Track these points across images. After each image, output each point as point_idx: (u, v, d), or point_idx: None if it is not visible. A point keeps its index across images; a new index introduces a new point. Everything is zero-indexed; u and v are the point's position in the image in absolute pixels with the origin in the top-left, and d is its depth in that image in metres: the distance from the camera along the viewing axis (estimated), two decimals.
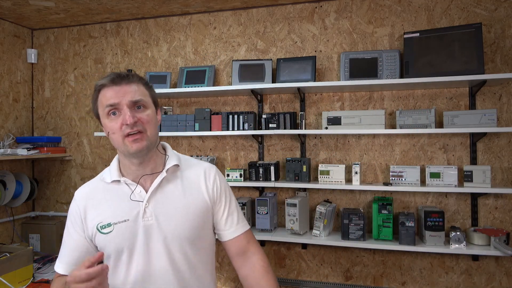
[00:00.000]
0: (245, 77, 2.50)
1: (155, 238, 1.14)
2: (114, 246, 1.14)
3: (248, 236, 1.25)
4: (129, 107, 1.08)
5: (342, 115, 2.31)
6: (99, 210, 1.16)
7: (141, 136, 1.09)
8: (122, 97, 1.08)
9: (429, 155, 2.33)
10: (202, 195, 1.21)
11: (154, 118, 1.14)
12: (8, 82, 2.89)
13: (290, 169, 2.40)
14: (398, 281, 2.37)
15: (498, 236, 2.04)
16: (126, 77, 1.10)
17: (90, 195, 1.20)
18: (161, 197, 1.16)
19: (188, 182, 1.21)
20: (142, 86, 1.14)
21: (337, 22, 2.50)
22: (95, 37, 2.98)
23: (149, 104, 1.14)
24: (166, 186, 1.18)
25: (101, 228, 1.14)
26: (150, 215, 1.14)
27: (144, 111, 1.11)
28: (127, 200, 1.15)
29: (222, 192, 1.25)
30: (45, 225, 2.91)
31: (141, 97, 1.11)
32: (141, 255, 1.14)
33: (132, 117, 1.06)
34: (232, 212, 1.25)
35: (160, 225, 1.14)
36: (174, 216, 1.15)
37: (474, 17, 2.27)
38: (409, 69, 2.22)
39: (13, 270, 2.12)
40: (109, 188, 1.19)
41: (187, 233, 1.16)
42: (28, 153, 2.64)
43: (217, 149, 2.70)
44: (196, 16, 2.76)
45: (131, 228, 1.13)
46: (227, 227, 1.23)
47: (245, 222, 1.28)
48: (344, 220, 2.24)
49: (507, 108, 2.22)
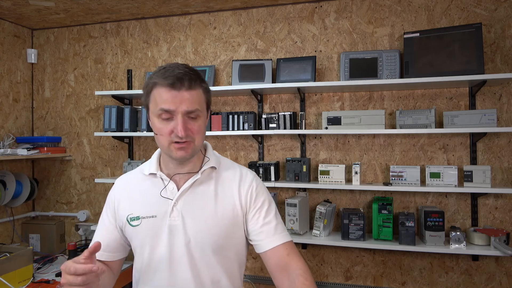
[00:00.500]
0: (245, 77, 2.50)
1: (178, 241, 1.09)
2: (139, 240, 1.13)
3: (288, 248, 1.12)
4: (184, 115, 1.02)
5: (342, 115, 2.31)
6: (131, 202, 1.16)
7: (188, 145, 1.05)
8: (179, 105, 1.01)
9: (429, 155, 2.33)
10: (233, 201, 1.14)
11: (204, 127, 1.08)
12: (8, 82, 2.89)
13: (290, 169, 2.40)
14: (398, 281, 2.37)
15: (498, 236, 2.04)
16: (187, 82, 1.01)
17: (127, 186, 1.20)
18: (191, 198, 1.12)
19: (222, 186, 1.15)
20: (201, 91, 1.05)
21: (337, 22, 2.50)
22: (95, 37, 2.98)
23: (203, 112, 1.07)
24: (198, 187, 1.13)
25: (131, 220, 1.14)
26: (177, 214, 1.10)
27: (196, 121, 1.04)
28: (159, 195, 1.13)
29: (257, 199, 1.15)
30: (45, 225, 2.91)
31: (198, 106, 1.03)
32: (162, 257, 1.10)
33: (184, 130, 1.01)
34: (270, 221, 1.14)
35: (185, 227, 1.09)
36: (200, 220, 1.10)
37: (474, 17, 2.27)
38: (409, 69, 2.22)
39: (13, 270, 2.12)
40: (145, 181, 1.17)
41: (211, 240, 1.09)
42: (28, 153, 2.64)
43: (217, 149, 2.70)
44: (196, 16, 2.76)
45: (157, 225, 1.11)
46: (262, 237, 1.12)
47: (286, 233, 1.15)
48: (344, 220, 2.24)
49: (507, 108, 2.22)
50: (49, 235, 2.89)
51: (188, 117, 1.03)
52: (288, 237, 1.14)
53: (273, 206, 1.18)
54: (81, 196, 3.00)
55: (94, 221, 2.95)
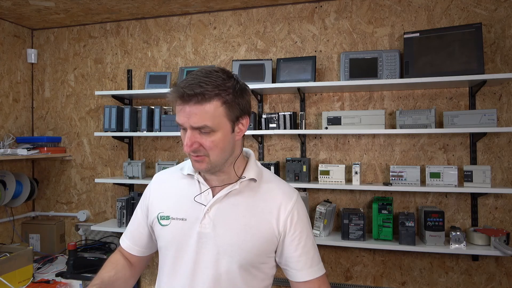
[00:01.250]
0: (245, 77, 2.50)
1: (206, 250, 1.04)
2: (164, 241, 1.10)
3: (320, 281, 1.08)
4: (193, 131, 0.97)
5: (342, 115, 2.31)
6: (165, 199, 1.13)
7: (202, 159, 1.00)
8: (187, 120, 0.96)
9: (429, 155, 2.33)
10: (270, 223, 1.06)
11: (222, 142, 0.99)
12: (8, 82, 2.89)
13: (290, 169, 2.40)
14: (398, 281, 2.37)
15: (498, 236, 2.04)
16: (196, 96, 0.93)
17: (164, 183, 1.18)
18: (225, 207, 1.06)
19: (260, 200, 1.08)
20: (218, 104, 0.95)
21: (337, 22, 2.50)
22: (95, 37, 2.98)
23: (219, 126, 0.97)
24: (235, 197, 1.07)
25: (161, 218, 1.11)
26: (209, 222, 1.05)
27: (210, 136, 0.97)
28: (192, 199, 1.08)
29: (297, 226, 1.08)
30: (45, 225, 2.91)
31: (207, 122, 0.95)
32: (187, 264, 1.06)
33: (190, 146, 0.98)
34: (308, 252, 1.08)
35: (216, 236, 1.04)
36: (232, 232, 1.04)
37: (474, 17, 2.27)
38: (409, 69, 2.22)
39: (13, 270, 2.12)
40: (182, 180, 1.14)
41: (241, 255, 1.03)
42: (28, 153, 2.64)
43: None
44: (196, 16, 2.76)
45: (187, 229, 1.06)
46: (299, 267, 1.07)
47: (321, 265, 1.10)
48: (344, 220, 2.24)
49: (507, 108, 2.22)
50: (49, 235, 2.89)
51: (200, 132, 0.97)
52: (323, 269, 1.10)
53: (311, 234, 1.12)
54: (81, 196, 3.00)
55: (94, 221, 2.95)
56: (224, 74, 0.99)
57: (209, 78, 0.96)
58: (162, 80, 2.68)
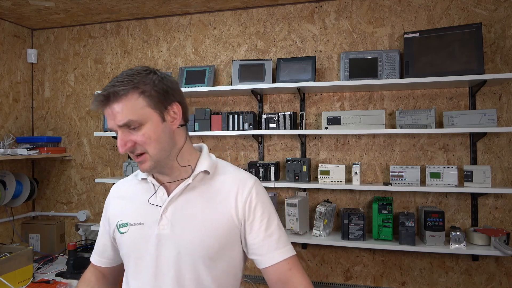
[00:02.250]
0: (245, 77, 2.50)
1: (166, 252, 1.02)
2: (126, 248, 1.08)
3: (291, 263, 1.04)
4: (122, 131, 0.96)
5: (342, 115, 2.31)
6: (123, 207, 1.12)
7: (144, 158, 0.99)
8: (113, 121, 0.96)
9: (429, 155, 2.33)
10: (229, 211, 1.04)
11: (154, 134, 0.97)
12: (8, 82, 2.89)
13: (290, 169, 2.40)
14: (398, 281, 2.37)
15: (498, 236, 2.04)
16: (110, 95, 0.94)
17: (121, 191, 1.18)
18: (182, 205, 1.05)
19: (216, 193, 1.06)
20: (135, 97, 0.95)
21: (337, 22, 2.50)
22: (95, 37, 2.98)
23: (145, 118, 0.96)
24: (190, 193, 1.06)
25: (120, 226, 1.09)
26: (167, 223, 1.03)
27: (139, 131, 0.96)
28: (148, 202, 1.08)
29: (256, 210, 1.05)
30: (45, 225, 2.91)
31: (130, 117, 0.94)
32: (148, 268, 1.03)
33: (123, 146, 0.96)
34: (271, 234, 1.04)
35: (175, 236, 1.02)
36: (191, 229, 1.02)
37: (474, 17, 2.27)
38: (409, 69, 2.22)
39: (13, 270, 2.12)
40: (138, 186, 1.13)
41: (203, 252, 1.01)
42: (28, 153, 2.64)
43: (217, 149, 2.70)
44: (196, 16, 2.76)
45: (145, 233, 1.04)
46: (263, 251, 1.03)
47: (289, 246, 1.06)
48: (344, 220, 2.24)
49: (507, 108, 2.22)
50: (49, 235, 2.89)
51: (129, 129, 0.96)
52: (291, 251, 1.06)
53: (275, 216, 1.09)
54: (81, 196, 3.00)
55: (94, 221, 2.95)
56: (141, 69, 1.00)
57: (124, 77, 0.97)
58: None
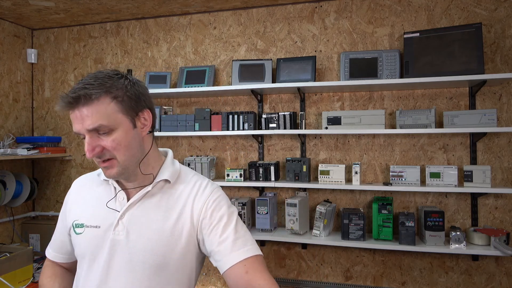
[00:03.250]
0: (245, 77, 2.50)
1: (118, 258, 0.99)
2: (79, 250, 1.05)
3: (248, 265, 0.95)
4: (91, 135, 0.92)
5: (342, 115, 2.31)
6: (81, 206, 1.09)
7: (111, 163, 0.95)
8: (81, 125, 0.91)
9: (429, 155, 2.33)
10: (185, 219, 1.01)
11: (125, 140, 0.94)
12: (8, 82, 2.89)
13: (290, 169, 2.40)
14: (398, 281, 2.37)
15: (498, 236, 2.04)
16: (81, 97, 0.90)
17: (81, 188, 1.14)
18: (139, 211, 1.02)
19: (174, 201, 1.03)
20: (107, 101, 0.92)
21: (337, 22, 2.50)
22: (95, 37, 2.98)
23: (116, 123, 0.93)
24: (149, 200, 1.03)
25: (75, 226, 1.06)
26: (122, 229, 1.00)
27: (109, 136, 0.93)
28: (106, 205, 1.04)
29: (213, 215, 1.01)
30: (45, 225, 2.91)
31: (101, 122, 0.91)
32: (98, 274, 1.00)
33: (91, 151, 0.93)
34: (226, 238, 0.98)
35: (129, 243, 0.99)
36: (146, 237, 0.99)
37: (474, 17, 2.27)
38: (409, 69, 2.22)
39: (13, 270, 2.12)
40: (99, 186, 1.09)
41: (155, 260, 0.98)
42: (28, 153, 2.63)
43: (217, 149, 2.70)
44: (196, 16, 2.76)
45: (100, 237, 1.01)
46: (218, 257, 0.98)
47: (247, 247, 0.98)
48: (344, 220, 2.24)
49: (507, 108, 2.22)
50: (49, 235, 2.84)
51: (99, 134, 0.93)
52: (249, 252, 0.97)
53: (233, 219, 1.02)
54: None
55: None
56: (112, 73, 0.97)
57: (95, 79, 0.93)
58: (162, 80, 2.68)
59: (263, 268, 0.97)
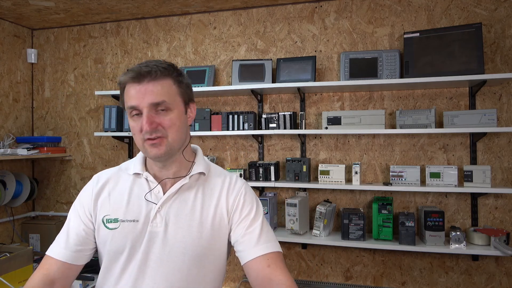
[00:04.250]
0: (245, 77, 2.50)
1: (156, 249, 1.02)
2: (115, 245, 1.03)
3: (270, 259, 1.00)
4: (150, 110, 0.96)
5: (342, 115, 2.31)
6: (111, 202, 1.07)
7: (161, 141, 0.98)
8: (142, 99, 0.96)
9: (429, 155, 2.33)
10: (221, 210, 1.07)
11: (179, 121, 1.00)
12: (8, 82, 2.89)
13: (290, 169, 2.40)
14: (398, 281, 2.37)
15: (498, 236, 2.04)
16: (149, 74, 0.96)
17: (107, 184, 1.10)
18: (177, 204, 1.05)
19: (210, 194, 1.08)
20: (170, 82, 0.99)
21: (337, 22, 2.50)
22: (95, 37, 2.98)
23: (175, 104, 1.00)
24: (185, 193, 1.06)
25: (107, 221, 1.04)
26: (160, 221, 1.03)
27: (167, 115, 0.98)
28: (143, 198, 1.05)
29: (244, 207, 1.07)
30: (45, 225, 2.91)
31: (164, 98, 0.97)
32: (136, 265, 1.01)
33: (150, 124, 0.95)
34: (253, 231, 1.04)
35: (167, 235, 1.02)
36: (185, 228, 1.02)
37: (474, 17, 2.27)
38: (409, 69, 2.22)
39: (13, 270, 2.12)
40: (129, 181, 1.09)
41: (193, 251, 1.02)
42: (28, 153, 2.63)
43: (217, 149, 2.70)
44: (196, 16, 2.76)
45: (138, 230, 1.02)
46: (242, 247, 1.03)
47: (271, 243, 1.04)
48: (344, 220, 2.24)
49: (507, 108, 2.22)
50: (49, 235, 2.89)
51: (157, 111, 0.97)
52: (273, 247, 1.03)
53: (260, 215, 1.09)
54: None
55: None
56: (168, 62, 1.04)
57: (157, 62, 1.00)
58: None
59: (283, 264, 1.03)
